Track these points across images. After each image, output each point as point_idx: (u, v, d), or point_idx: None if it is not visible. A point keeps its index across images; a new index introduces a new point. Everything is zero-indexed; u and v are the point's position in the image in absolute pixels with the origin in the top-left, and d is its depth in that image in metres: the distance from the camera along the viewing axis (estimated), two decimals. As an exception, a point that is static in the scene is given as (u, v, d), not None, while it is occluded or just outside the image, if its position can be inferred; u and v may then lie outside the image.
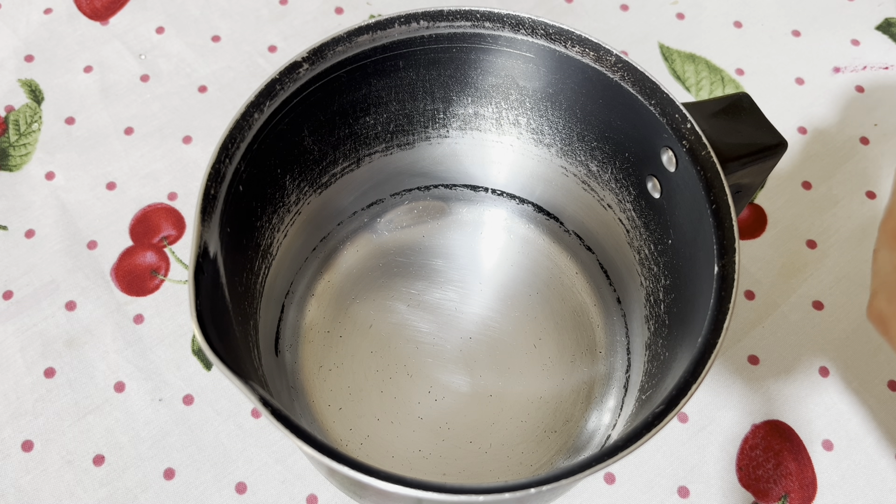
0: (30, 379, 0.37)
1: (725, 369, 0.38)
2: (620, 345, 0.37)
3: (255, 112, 0.28)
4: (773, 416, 0.38)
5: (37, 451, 0.36)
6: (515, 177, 0.38)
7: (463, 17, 0.30)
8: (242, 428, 0.37)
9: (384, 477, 0.22)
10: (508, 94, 0.33)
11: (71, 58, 0.46)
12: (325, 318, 0.37)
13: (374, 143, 0.35)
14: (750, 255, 0.41)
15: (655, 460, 0.37)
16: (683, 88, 0.45)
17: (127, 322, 0.39)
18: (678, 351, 0.28)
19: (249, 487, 0.35)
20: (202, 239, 0.25)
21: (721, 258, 0.26)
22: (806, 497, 0.36)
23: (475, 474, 0.34)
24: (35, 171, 0.42)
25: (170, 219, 0.41)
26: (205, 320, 0.24)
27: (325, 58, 0.29)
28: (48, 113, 0.44)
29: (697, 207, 0.28)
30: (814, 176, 0.43)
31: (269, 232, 0.32)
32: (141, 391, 0.37)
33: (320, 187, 0.35)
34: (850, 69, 0.46)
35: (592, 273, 0.38)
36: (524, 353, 0.36)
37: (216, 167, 0.27)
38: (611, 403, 0.35)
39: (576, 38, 0.30)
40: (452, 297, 0.37)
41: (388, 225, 0.39)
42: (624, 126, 0.31)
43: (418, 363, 0.36)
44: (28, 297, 0.39)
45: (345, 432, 0.35)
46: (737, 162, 0.29)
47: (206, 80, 0.45)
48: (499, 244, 0.39)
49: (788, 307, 0.40)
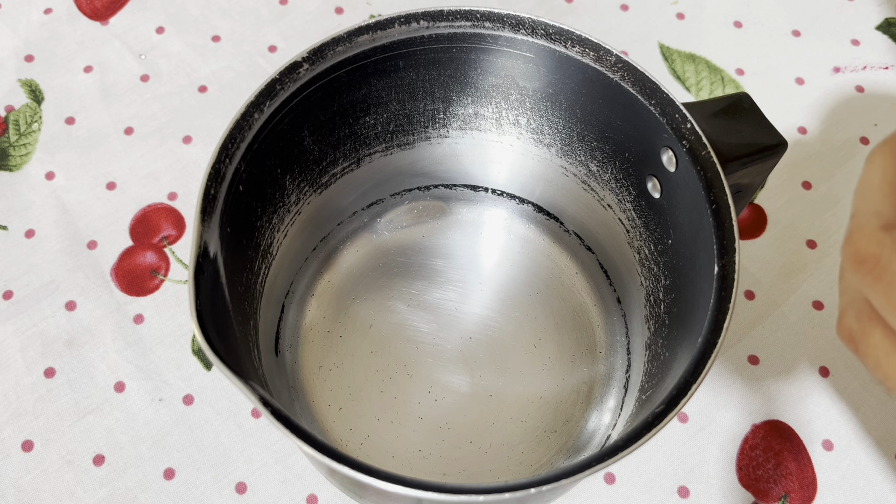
0: (30, 379, 0.37)
1: (725, 369, 0.38)
2: (620, 345, 0.37)
3: (255, 112, 0.28)
4: (773, 416, 0.38)
5: (37, 451, 0.36)
6: (515, 177, 0.38)
7: (463, 17, 0.30)
8: (242, 428, 0.37)
9: (384, 477, 0.22)
10: (508, 94, 0.33)
11: (71, 58, 0.46)
12: (325, 318, 0.37)
13: (374, 143, 0.35)
14: (750, 255, 0.41)
15: (655, 460, 0.37)
16: (683, 88, 0.45)
17: (127, 322, 0.39)
18: (678, 351, 0.28)
19: (249, 487, 0.35)
20: (202, 239, 0.25)
21: (721, 258, 0.26)
22: (806, 497, 0.36)
23: (475, 474, 0.34)
24: (35, 171, 0.42)
25: (170, 219, 0.41)
26: (205, 320, 0.24)
27: (325, 58, 0.29)
28: (48, 113, 0.44)
29: (697, 207, 0.28)
30: (814, 176, 0.43)
31: (269, 232, 0.32)
32: (141, 391, 0.37)
33: (320, 187, 0.35)
34: (850, 69, 0.46)
35: (592, 273, 0.38)
36: (524, 353, 0.36)
37: (216, 167, 0.27)
38: (611, 403, 0.35)
39: (576, 38, 0.30)
40: (452, 297, 0.37)
41: (388, 225, 0.39)
42: (624, 126, 0.31)
43: (418, 363, 0.36)
44: (28, 297, 0.39)
45: (345, 432, 0.35)
46: (737, 162, 0.29)
47: (206, 80, 0.45)
48: (499, 244, 0.39)
49: (788, 307, 0.40)
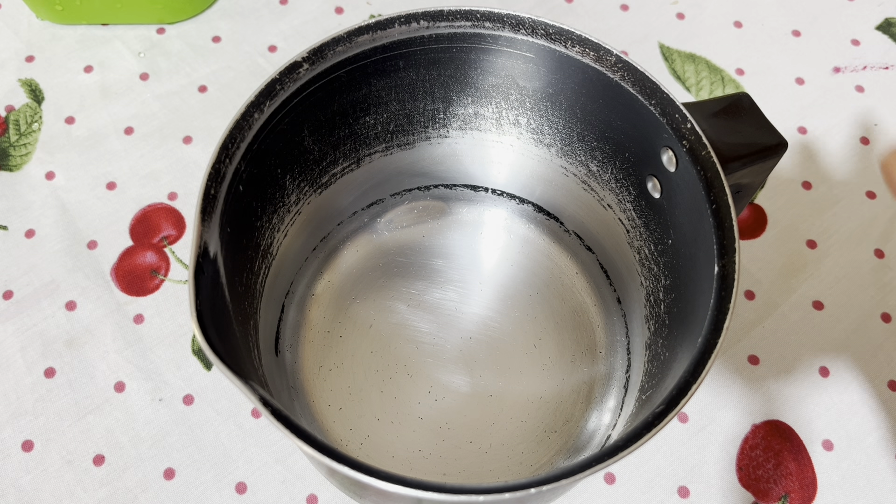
0: (30, 379, 0.37)
1: (725, 369, 0.38)
2: (620, 345, 0.37)
3: (255, 112, 0.28)
4: (773, 416, 0.38)
5: (37, 451, 0.36)
6: (515, 177, 0.38)
7: (463, 17, 0.30)
8: (242, 428, 0.37)
9: (384, 477, 0.22)
10: (508, 94, 0.33)
11: (71, 57, 0.46)
12: (325, 318, 0.37)
13: (374, 143, 0.35)
14: (750, 255, 0.41)
15: (655, 460, 0.37)
16: (683, 88, 0.45)
17: (127, 322, 0.39)
18: (678, 351, 0.28)
19: (249, 487, 0.35)
20: (202, 239, 0.25)
21: (721, 258, 0.26)
22: (806, 497, 0.36)
23: (475, 474, 0.34)
24: (35, 170, 0.42)
25: (170, 219, 0.41)
26: (205, 320, 0.24)
27: (325, 58, 0.29)
28: (48, 113, 0.44)
29: (697, 207, 0.28)
30: (814, 176, 0.43)
31: (269, 232, 0.32)
32: (141, 391, 0.37)
33: (320, 187, 0.35)
34: (850, 69, 0.46)
35: (592, 273, 0.38)
36: (524, 353, 0.36)
37: (216, 167, 0.27)
38: (611, 403, 0.35)
39: (576, 38, 0.30)
40: (452, 297, 0.37)
41: (388, 225, 0.39)
42: (624, 126, 0.31)
43: (418, 363, 0.36)
44: (28, 297, 0.39)
45: (345, 432, 0.35)
46: (737, 162, 0.29)
47: (206, 80, 0.45)
48: (499, 244, 0.39)
49: (788, 307, 0.40)
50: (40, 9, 0.45)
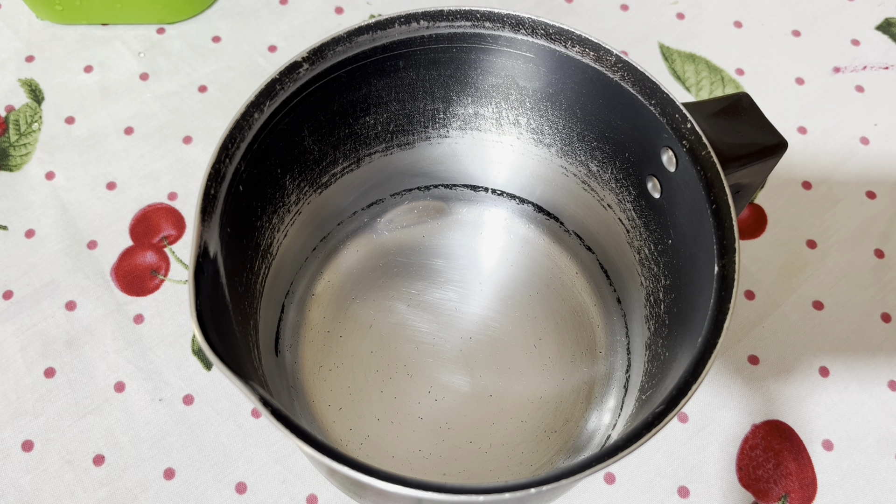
0: (30, 379, 0.37)
1: (725, 369, 0.38)
2: (620, 345, 0.37)
3: (255, 112, 0.28)
4: (773, 416, 0.38)
5: (37, 451, 0.36)
6: (515, 177, 0.38)
7: (463, 17, 0.30)
8: (242, 428, 0.37)
9: (384, 477, 0.22)
10: (508, 94, 0.33)
11: (71, 57, 0.46)
12: (325, 318, 0.37)
13: (374, 143, 0.35)
14: (750, 255, 0.41)
15: (655, 460, 0.37)
16: (683, 88, 0.45)
17: (127, 322, 0.39)
18: (678, 351, 0.28)
19: (249, 487, 0.35)
20: (202, 239, 0.25)
21: (721, 258, 0.26)
22: (806, 497, 0.36)
23: (475, 474, 0.34)
24: (35, 170, 0.42)
25: (170, 219, 0.41)
26: (205, 320, 0.24)
27: (325, 58, 0.29)
28: (48, 113, 0.44)
29: (697, 207, 0.28)
30: (814, 176, 0.43)
31: (269, 232, 0.32)
32: (141, 391, 0.37)
33: (320, 187, 0.35)
34: (850, 69, 0.46)
35: (592, 273, 0.38)
36: (524, 353, 0.36)
37: (216, 167, 0.27)
38: (611, 403, 0.35)
39: (576, 38, 0.30)
40: (452, 297, 0.37)
41: (388, 225, 0.39)
42: (624, 126, 0.31)
43: (418, 363, 0.36)
44: (28, 297, 0.39)
45: (345, 432, 0.35)
46: (737, 162, 0.29)
47: (206, 80, 0.45)
48: (499, 244, 0.39)
49: (788, 307, 0.40)
50: (40, 9, 0.45)
